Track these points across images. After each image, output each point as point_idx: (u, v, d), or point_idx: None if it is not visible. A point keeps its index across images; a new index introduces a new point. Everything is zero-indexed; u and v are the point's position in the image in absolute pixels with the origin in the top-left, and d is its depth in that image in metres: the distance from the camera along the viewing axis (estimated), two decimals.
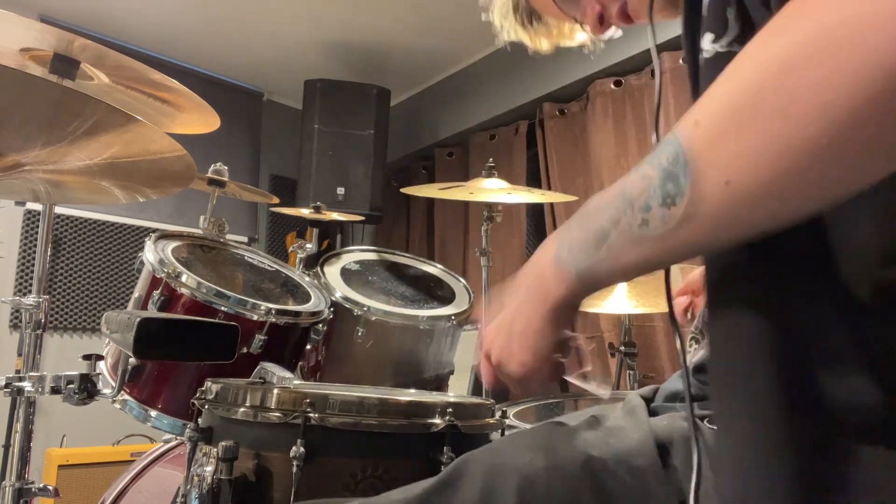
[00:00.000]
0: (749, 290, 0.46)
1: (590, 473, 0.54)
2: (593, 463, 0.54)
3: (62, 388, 1.17)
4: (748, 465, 0.44)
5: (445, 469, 0.59)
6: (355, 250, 1.79)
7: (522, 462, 0.55)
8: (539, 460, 0.55)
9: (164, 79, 1.34)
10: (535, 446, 0.57)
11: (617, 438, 0.56)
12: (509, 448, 0.58)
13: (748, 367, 0.45)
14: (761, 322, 0.44)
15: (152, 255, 1.27)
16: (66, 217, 3.33)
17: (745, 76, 0.40)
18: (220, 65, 3.85)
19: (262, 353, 1.22)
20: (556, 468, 0.54)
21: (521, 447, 0.58)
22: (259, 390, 0.73)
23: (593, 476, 0.54)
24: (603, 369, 3.06)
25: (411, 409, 0.72)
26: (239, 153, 3.93)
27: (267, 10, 3.27)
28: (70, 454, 2.31)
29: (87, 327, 3.34)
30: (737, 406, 0.45)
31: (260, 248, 2.80)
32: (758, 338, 0.44)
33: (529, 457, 0.56)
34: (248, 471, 0.69)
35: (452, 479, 0.57)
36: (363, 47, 3.61)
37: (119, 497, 1.36)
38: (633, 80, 3.01)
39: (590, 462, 0.54)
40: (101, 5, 3.23)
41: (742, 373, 0.45)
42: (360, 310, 1.48)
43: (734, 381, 0.46)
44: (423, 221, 4.09)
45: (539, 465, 0.55)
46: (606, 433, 0.59)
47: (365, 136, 3.52)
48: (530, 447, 0.57)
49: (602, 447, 0.56)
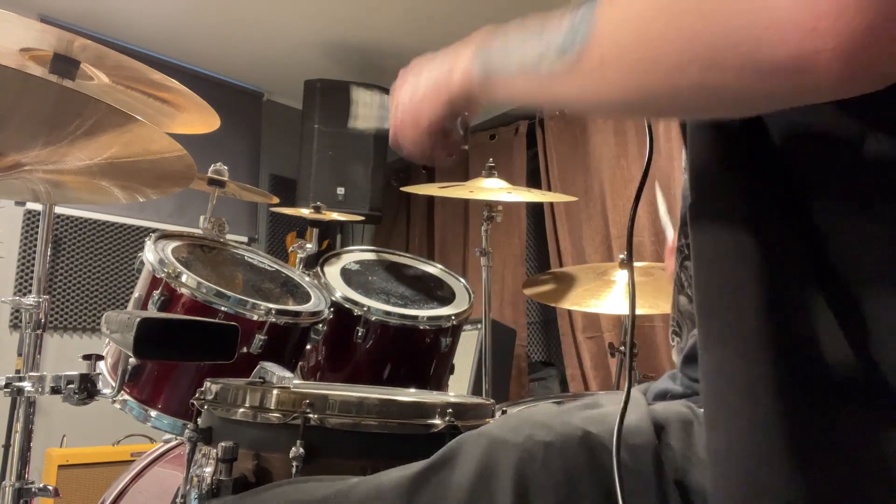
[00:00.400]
0: (739, 244, 0.48)
1: (587, 448, 0.54)
2: (591, 439, 0.54)
3: (62, 388, 1.17)
4: (738, 415, 0.45)
5: (443, 448, 0.58)
6: (355, 250, 1.79)
7: (521, 437, 0.55)
8: (537, 436, 0.55)
9: (164, 79, 1.34)
10: (532, 423, 0.57)
11: (614, 417, 0.56)
12: (507, 426, 0.58)
13: (737, 303, 0.47)
14: (752, 270, 0.46)
15: (152, 255, 1.27)
16: (66, 217, 3.32)
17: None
18: (220, 65, 3.85)
19: (262, 353, 1.22)
20: (554, 444, 0.54)
21: (518, 425, 0.58)
22: (258, 391, 0.73)
23: (591, 451, 0.54)
24: (603, 369, 3.07)
25: (411, 409, 0.72)
26: (239, 153, 3.93)
27: (267, 10, 3.27)
28: (70, 454, 2.31)
29: (87, 327, 3.34)
30: (729, 351, 0.47)
31: (260, 248, 2.80)
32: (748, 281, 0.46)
33: (527, 433, 0.55)
34: (247, 471, 0.69)
35: (450, 456, 0.57)
36: (363, 47, 3.61)
37: (119, 497, 1.36)
38: None
39: (588, 438, 0.54)
40: (100, 5, 3.23)
41: (731, 311, 0.47)
42: (360, 310, 1.47)
43: (722, 323, 0.48)
44: (423, 221, 4.09)
45: (537, 440, 0.55)
46: (605, 411, 0.59)
47: (365, 136, 3.52)
48: (528, 424, 0.57)
49: (600, 425, 0.56)
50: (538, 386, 3.50)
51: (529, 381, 3.50)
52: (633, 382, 2.04)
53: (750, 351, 0.45)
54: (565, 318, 3.18)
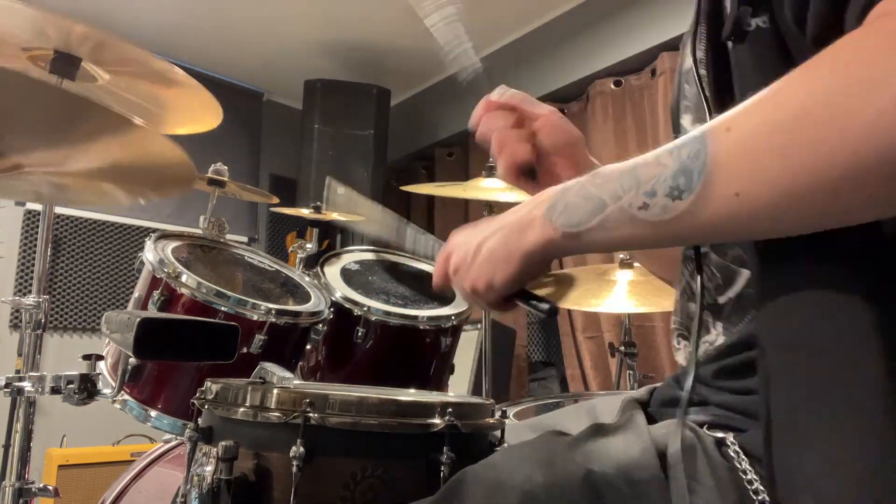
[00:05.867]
0: (838, 276, 0.46)
1: (590, 488, 0.53)
2: (593, 477, 0.54)
3: (62, 388, 1.16)
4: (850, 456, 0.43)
5: (444, 486, 0.58)
6: (355, 250, 1.79)
7: (521, 478, 0.54)
8: (538, 476, 0.54)
9: (167, 68, 1.32)
10: (534, 461, 0.56)
11: (618, 450, 0.56)
12: (508, 463, 0.58)
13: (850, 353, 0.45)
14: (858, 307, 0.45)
15: (152, 255, 1.27)
16: (66, 217, 3.33)
17: (789, 104, 0.42)
18: (220, 65, 3.85)
19: (262, 353, 1.22)
20: (556, 484, 0.54)
21: (519, 462, 0.57)
22: (259, 390, 0.73)
23: (593, 490, 0.53)
24: (603, 369, 3.07)
25: (411, 409, 0.72)
26: (239, 153, 3.93)
27: (267, 10, 3.27)
28: (70, 454, 2.31)
29: (87, 327, 3.34)
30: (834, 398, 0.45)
31: (260, 248, 2.80)
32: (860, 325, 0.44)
33: (528, 472, 0.55)
34: (247, 471, 0.69)
35: (451, 495, 0.56)
36: (363, 47, 3.61)
37: (119, 497, 1.36)
38: (632, 80, 3.01)
39: (590, 476, 0.54)
40: (100, 5, 3.23)
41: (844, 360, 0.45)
42: (360, 310, 1.47)
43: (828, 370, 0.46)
44: (423, 221, 4.09)
45: (538, 481, 0.54)
46: (607, 444, 0.58)
47: (365, 136, 3.52)
48: (529, 462, 0.56)
49: (603, 460, 0.55)
50: (538, 386, 3.50)
51: (529, 381, 3.51)
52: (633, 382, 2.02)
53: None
54: (565, 318, 3.18)
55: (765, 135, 0.42)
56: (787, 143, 0.40)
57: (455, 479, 0.58)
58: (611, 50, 3.00)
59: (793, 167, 0.40)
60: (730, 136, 0.44)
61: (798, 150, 0.40)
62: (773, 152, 0.41)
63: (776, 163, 0.41)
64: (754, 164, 0.42)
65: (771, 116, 0.42)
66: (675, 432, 0.56)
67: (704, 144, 0.45)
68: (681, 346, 0.72)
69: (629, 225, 0.49)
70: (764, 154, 0.42)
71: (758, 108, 0.43)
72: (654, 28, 2.80)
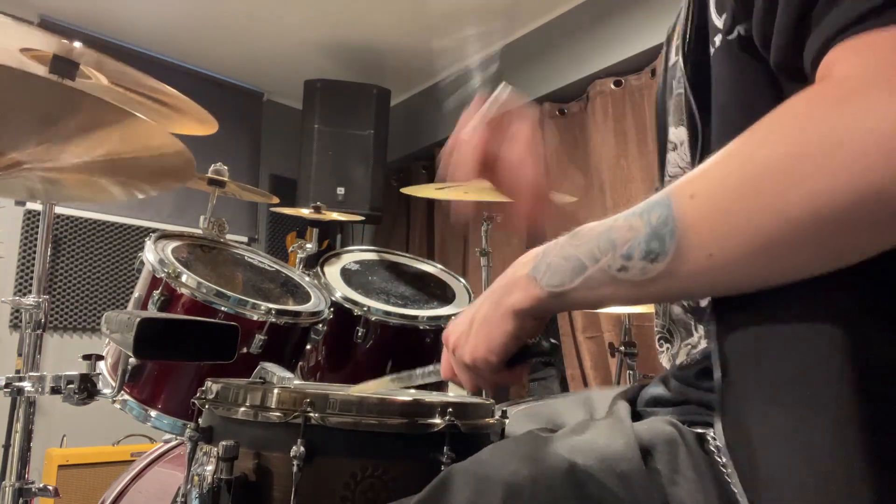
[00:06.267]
0: (819, 299, 0.47)
1: (574, 481, 0.54)
2: (577, 470, 0.55)
3: (62, 388, 1.17)
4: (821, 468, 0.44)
5: (432, 482, 0.59)
6: (355, 250, 1.79)
7: (507, 472, 0.55)
8: (524, 470, 0.55)
9: (162, 86, 1.34)
10: (519, 456, 0.57)
11: (602, 443, 0.57)
12: (494, 458, 0.59)
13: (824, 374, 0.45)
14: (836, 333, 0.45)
15: (152, 255, 1.27)
16: (66, 217, 3.33)
17: (748, 169, 0.43)
18: (220, 65, 3.85)
19: (262, 353, 1.22)
20: (541, 477, 0.55)
21: (505, 457, 0.58)
22: (259, 390, 0.73)
23: (577, 483, 0.54)
24: (603, 369, 3.07)
25: (411, 408, 0.72)
26: (239, 153, 3.93)
27: (267, 10, 3.27)
28: (70, 454, 2.31)
29: (87, 327, 3.34)
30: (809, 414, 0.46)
31: (260, 248, 2.80)
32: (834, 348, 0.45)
33: (514, 467, 0.56)
34: (248, 470, 0.69)
35: (439, 491, 0.57)
36: (363, 47, 3.61)
37: (119, 497, 1.36)
38: (632, 80, 3.01)
39: (574, 469, 0.55)
40: (101, 5, 3.23)
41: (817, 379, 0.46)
42: (360, 310, 1.48)
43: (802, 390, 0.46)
44: (423, 221, 4.09)
45: (524, 474, 0.55)
46: (591, 439, 0.59)
47: (365, 136, 3.52)
48: (515, 457, 0.57)
49: (587, 453, 0.56)
50: (538, 386, 3.50)
51: (529, 381, 3.51)
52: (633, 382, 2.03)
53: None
54: (565, 318, 3.18)
55: (728, 200, 0.43)
56: (751, 207, 0.42)
57: (443, 474, 0.59)
58: (611, 50, 3.00)
59: (758, 228, 0.42)
60: (694, 203, 0.45)
61: (761, 214, 0.41)
62: (739, 215, 0.42)
63: (742, 225, 0.42)
64: (721, 228, 0.43)
65: (732, 181, 0.43)
66: (658, 426, 0.57)
67: (671, 209, 0.46)
68: (663, 348, 0.73)
69: (611, 285, 0.51)
70: (730, 217, 0.43)
71: (718, 171, 0.45)
72: (654, 28, 2.80)
